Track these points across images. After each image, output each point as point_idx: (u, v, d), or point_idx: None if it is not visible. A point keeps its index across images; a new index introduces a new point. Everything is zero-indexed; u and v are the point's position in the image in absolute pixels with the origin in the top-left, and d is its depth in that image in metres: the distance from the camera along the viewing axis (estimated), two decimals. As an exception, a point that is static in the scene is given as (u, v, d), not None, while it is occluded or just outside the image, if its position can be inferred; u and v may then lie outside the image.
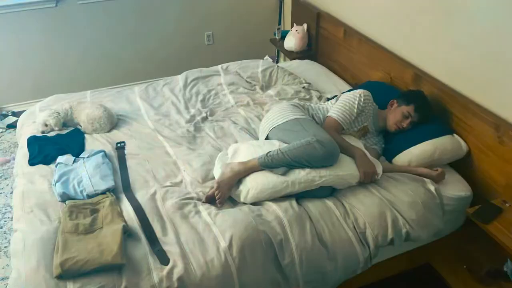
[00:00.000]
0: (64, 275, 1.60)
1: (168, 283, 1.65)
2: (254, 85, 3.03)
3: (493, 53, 2.03)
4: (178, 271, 1.68)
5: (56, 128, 2.49)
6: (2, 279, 2.29)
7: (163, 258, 1.72)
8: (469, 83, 2.21)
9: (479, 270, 2.04)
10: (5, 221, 2.65)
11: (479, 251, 2.12)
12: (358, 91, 2.32)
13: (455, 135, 2.25)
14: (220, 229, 1.82)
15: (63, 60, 3.75)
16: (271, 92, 2.91)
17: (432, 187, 2.09)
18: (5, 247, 2.47)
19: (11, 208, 2.26)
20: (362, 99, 2.27)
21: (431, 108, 2.32)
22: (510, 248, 1.76)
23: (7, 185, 2.95)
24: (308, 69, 3.29)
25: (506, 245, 1.78)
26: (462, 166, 2.25)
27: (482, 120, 2.10)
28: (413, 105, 2.27)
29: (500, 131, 2.02)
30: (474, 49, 2.13)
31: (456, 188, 2.15)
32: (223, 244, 1.77)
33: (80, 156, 2.26)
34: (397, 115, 2.31)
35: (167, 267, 1.69)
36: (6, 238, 2.53)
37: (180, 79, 3.07)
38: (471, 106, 2.16)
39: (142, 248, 1.76)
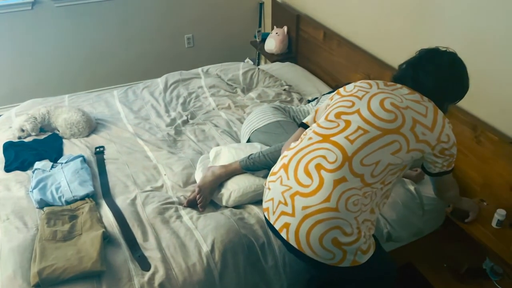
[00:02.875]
0: (42, 283, 1.57)
1: (149, 289, 1.63)
2: (235, 87, 3.03)
3: (469, 54, 2.07)
4: (159, 277, 1.66)
5: (33, 133, 2.44)
6: (-22, 289, 2.23)
7: (144, 264, 1.70)
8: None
9: (459, 268, 2.07)
10: (-20, 229, 2.58)
11: (458, 250, 2.15)
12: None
13: (433, 135, 2.28)
14: (202, 234, 1.81)
15: (40, 64, 3.68)
16: (252, 94, 2.91)
17: (411, 187, 2.12)
18: (-20, 256, 2.40)
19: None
20: None
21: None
22: (488, 246, 1.80)
23: (-17, 192, 2.87)
24: (288, 71, 3.31)
25: (485, 243, 1.81)
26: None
27: (459, 120, 2.14)
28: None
29: (477, 131, 2.06)
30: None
31: (435, 188, 2.18)
32: (205, 248, 1.76)
33: (58, 161, 2.22)
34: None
35: (148, 273, 1.67)
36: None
37: (160, 82, 3.05)
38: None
39: (123, 254, 1.73)
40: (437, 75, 1.51)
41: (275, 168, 1.54)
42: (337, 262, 1.40)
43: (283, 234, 1.44)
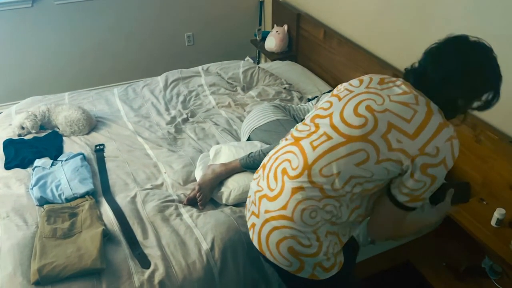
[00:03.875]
0: (42, 281, 1.57)
1: (149, 287, 1.63)
2: (235, 86, 3.03)
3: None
4: (159, 275, 1.66)
5: (33, 131, 2.44)
6: (-22, 286, 2.23)
7: (144, 262, 1.70)
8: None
9: (458, 267, 2.07)
10: (-20, 227, 2.58)
11: (457, 248, 2.16)
12: None
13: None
14: (202, 232, 1.81)
15: (40, 62, 3.68)
16: (252, 93, 2.91)
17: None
18: (-20, 253, 2.41)
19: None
20: None
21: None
22: (487, 245, 1.80)
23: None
24: (289, 70, 3.30)
25: (484, 242, 1.81)
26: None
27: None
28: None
29: (477, 130, 2.06)
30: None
31: (435, 187, 2.18)
32: (205, 246, 1.76)
33: (58, 159, 2.22)
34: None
35: (148, 271, 1.67)
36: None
37: (160, 80, 3.05)
38: (449, 106, 2.20)
39: (122, 252, 1.73)
40: (443, 62, 1.25)
41: (259, 167, 1.50)
42: (295, 271, 1.34)
43: (250, 233, 1.43)
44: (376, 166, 1.22)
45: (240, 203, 1.99)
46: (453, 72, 1.24)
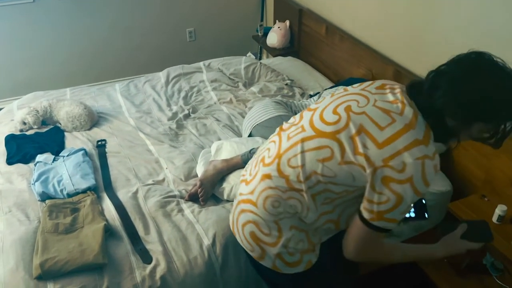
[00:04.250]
0: (44, 275, 1.58)
1: (150, 282, 1.63)
2: (237, 82, 3.02)
3: (474, 47, 2.06)
4: (161, 270, 1.67)
5: (35, 126, 2.44)
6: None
7: (146, 257, 1.71)
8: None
9: (459, 263, 2.07)
10: (-18, 222, 2.59)
11: (459, 245, 2.15)
12: None
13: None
14: (204, 227, 1.81)
15: (42, 57, 3.68)
16: (254, 89, 2.91)
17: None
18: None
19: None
20: None
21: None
22: (490, 242, 1.80)
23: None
24: (290, 66, 3.30)
25: (485, 238, 1.81)
26: (443, 161, 2.28)
27: (461, 116, 2.14)
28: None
29: (479, 127, 2.05)
30: (454, 45, 2.16)
31: (436, 184, 2.18)
32: (207, 242, 1.76)
33: (60, 154, 2.22)
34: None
35: (150, 266, 1.68)
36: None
37: (161, 76, 3.04)
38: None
39: (124, 247, 1.74)
40: (461, 93, 1.10)
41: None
42: (257, 257, 1.35)
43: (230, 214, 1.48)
44: (339, 167, 1.17)
45: (241, 199, 1.99)
46: (466, 105, 1.10)
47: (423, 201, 1.44)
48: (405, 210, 1.16)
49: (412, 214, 1.42)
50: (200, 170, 2.08)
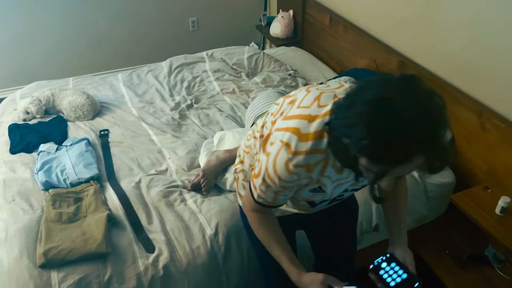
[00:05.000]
0: (48, 264, 1.59)
1: (153, 271, 1.64)
2: (240, 72, 3.01)
3: (477, 38, 2.05)
4: (164, 259, 1.67)
5: (38, 116, 2.44)
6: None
7: (149, 246, 1.71)
8: (453, 70, 2.23)
9: (461, 255, 2.08)
10: (-14, 211, 2.61)
11: (461, 236, 2.15)
12: None
13: (439, 122, 2.26)
14: (206, 217, 1.82)
15: (44, 46, 3.66)
16: (257, 79, 2.90)
17: (415, 174, 2.11)
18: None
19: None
20: None
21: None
22: (491, 233, 1.80)
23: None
24: (294, 56, 3.28)
25: (488, 230, 1.81)
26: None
27: (465, 107, 2.13)
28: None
29: (483, 118, 2.04)
30: (458, 36, 2.14)
31: (439, 175, 2.18)
32: (209, 231, 1.77)
33: (63, 144, 2.22)
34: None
35: (153, 255, 1.68)
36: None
37: (164, 65, 3.03)
38: (455, 93, 2.17)
39: (127, 237, 1.75)
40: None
41: None
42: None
43: None
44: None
45: (244, 189, 1.99)
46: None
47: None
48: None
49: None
50: (202, 160, 2.08)
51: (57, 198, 1.87)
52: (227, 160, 2.00)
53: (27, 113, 2.43)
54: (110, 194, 1.95)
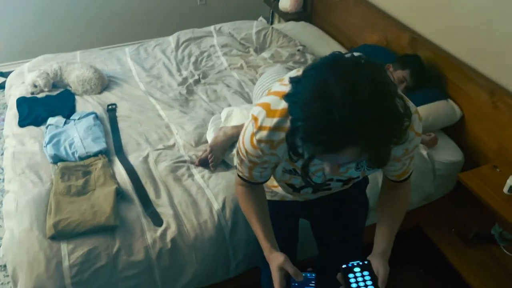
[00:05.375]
0: (58, 235, 1.61)
1: (161, 244, 1.67)
2: (248, 47, 2.97)
3: (489, 15, 2.00)
4: (171, 233, 1.69)
5: (46, 89, 2.44)
6: (-4, 239, 2.30)
7: (157, 220, 1.73)
8: (465, 48, 2.18)
9: (467, 233, 2.08)
10: (-4, 183, 2.64)
11: (468, 215, 2.15)
12: None
13: (449, 100, 2.24)
14: (213, 192, 1.83)
15: (52, 20, 3.63)
16: (265, 54, 2.86)
17: (424, 152, 2.10)
18: (-3, 208, 2.47)
19: (2, 169, 2.24)
20: None
21: (426, 73, 2.29)
22: (498, 212, 1.79)
23: (-3, 146, 2.91)
24: (303, 31, 3.23)
25: (495, 209, 1.80)
26: (455, 131, 2.26)
27: (477, 85, 2.09)
28: (409, 70, 2.24)
29: (495, 97, 2.01)
30: (470, 12, 2.09)
31: (448, 153, 2.17)
32: (216, 206, 1.78)
33: (71, 117, 2.23)
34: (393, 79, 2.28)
35: (161, 229, 1.70)
36: (-2, 200, 2.52)
37: (171, 40, 3.00)
38: (467, 71, 2.14)
39: (135, 210, 1.77)
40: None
41: None
42: None
43: None
44: None
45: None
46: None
47: None
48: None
49: None
50: (210, 136, 2.08)
51: (66, 171, 1.88)
52: (235, 136, 2.00)
53: (35, 86, 2.43)
54: (118, 168, 1.96)
